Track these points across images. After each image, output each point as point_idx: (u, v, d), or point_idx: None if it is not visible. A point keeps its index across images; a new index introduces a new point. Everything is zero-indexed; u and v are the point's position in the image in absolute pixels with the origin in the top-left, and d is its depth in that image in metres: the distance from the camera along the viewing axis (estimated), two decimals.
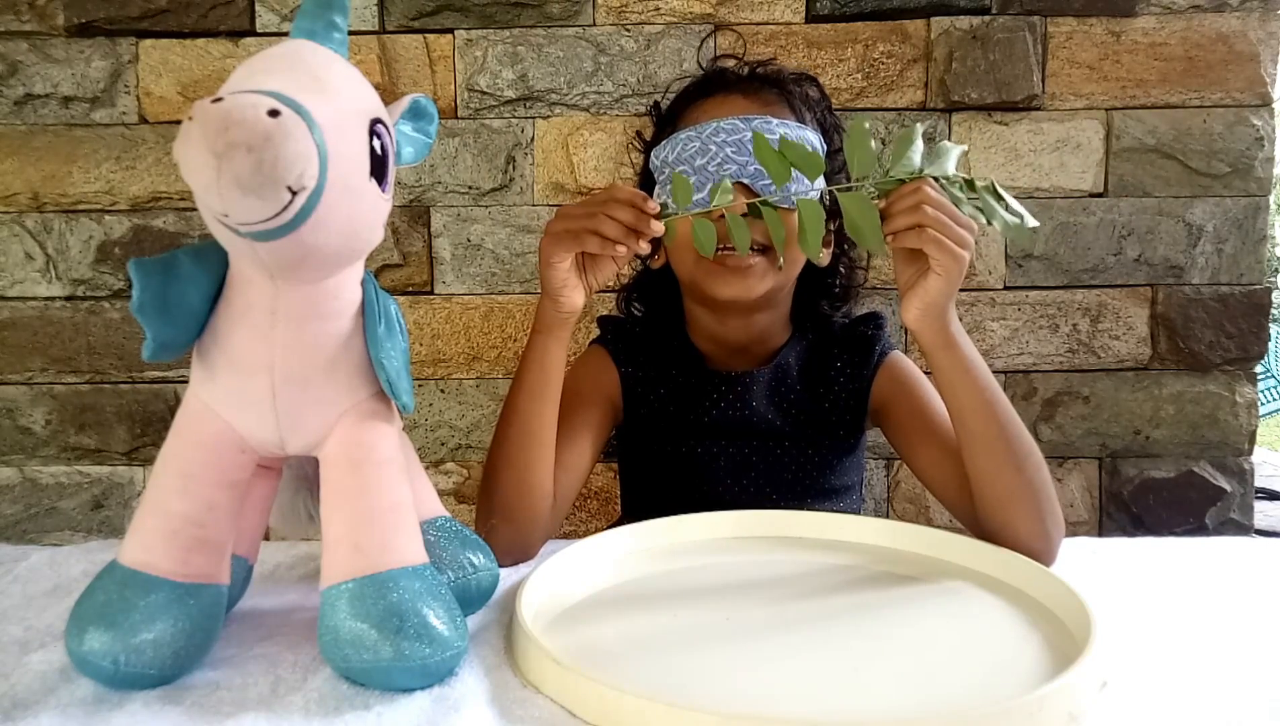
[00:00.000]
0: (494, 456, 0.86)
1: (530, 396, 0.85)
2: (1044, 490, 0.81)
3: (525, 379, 0.86)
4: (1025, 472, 0.80)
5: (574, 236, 0.77)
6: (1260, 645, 0.62)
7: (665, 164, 0.93)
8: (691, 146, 0.90)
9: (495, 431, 0.87)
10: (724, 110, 0.93)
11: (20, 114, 1.45)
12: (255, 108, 0.47)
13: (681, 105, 1.00)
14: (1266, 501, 2.33)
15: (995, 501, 0.81)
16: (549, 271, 0.80)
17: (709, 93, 0.98)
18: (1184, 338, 1.45)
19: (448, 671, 0.56)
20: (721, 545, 0.82)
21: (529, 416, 0.85)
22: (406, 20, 1.43)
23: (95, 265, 1.47)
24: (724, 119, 0.90)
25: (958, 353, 0.80)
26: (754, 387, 0.98)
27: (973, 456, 0.82)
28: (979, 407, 0.81)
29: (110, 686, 0.55)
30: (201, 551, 0.57)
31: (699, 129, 0.91)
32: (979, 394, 0.81)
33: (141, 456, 1.49)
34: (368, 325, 0.59)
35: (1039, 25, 1.42)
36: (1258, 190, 1.44)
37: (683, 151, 0.91)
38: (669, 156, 0.93)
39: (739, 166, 0.88)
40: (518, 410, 0.85)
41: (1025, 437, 0.82)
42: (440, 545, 0.65)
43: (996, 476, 0.80)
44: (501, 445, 0.85)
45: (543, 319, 0.85)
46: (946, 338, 0.79)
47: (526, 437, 0.85)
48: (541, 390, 0.85)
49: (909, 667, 0.58)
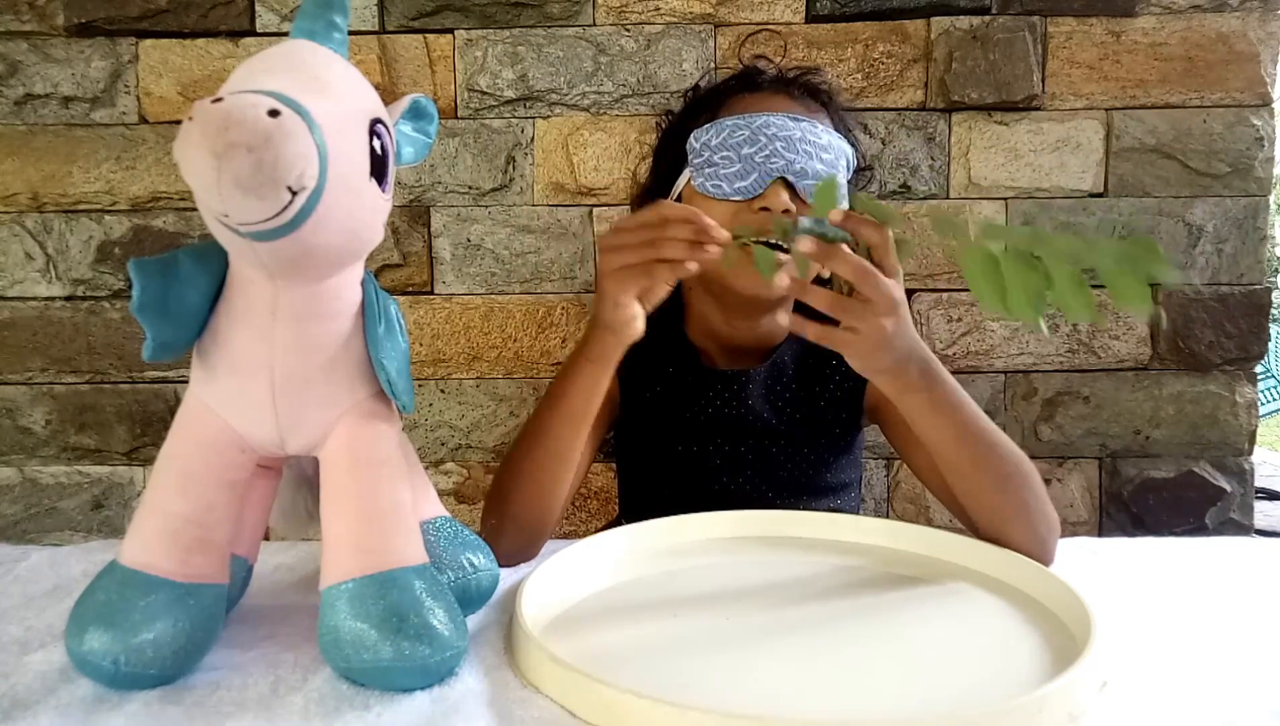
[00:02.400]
0: (515, 469, 0.84)
1: (566, 421, 0.83)
2: (1035, 504, 0.79)
3: (566, 403, 0.82)
4: (1009, 492, 0.78)
5: (642, 271, 0.74)
6: (1260, 645, 0.62)
7: (707, 147, 0.92)
8: (740, 134, 0.90)
9: (519, 444, 0.85)
10: (772, 105, 0.94)
11: (20, 114, 1.45)
12: (255, 108, 0.47)
13: (724, 95, 1.00)
14: (1266, 501, 2.33)
15: (985, 519, 0.80)
16: (616, 311, 0.76)
17: (755, 87, 0.99)
18: (1184, 337, 1.45)
19: (448, 671, 0.56)
20: (721, 545, 0.81)
21: (563, 440, 0.83)
22: (406, 20, 1.43)
23: (95, 265, 1.47)
24: (774, 113, 0.91)
25: (920, 397, 0.76)
26: (750, 386, 0.98)
27: (953, 482, 0.81)
28: (953, 442, 0.78)
29: (110, 686, 0.55)
30: (201, 551, 0.57)
31: (748, 118, 0.91)
32: (951, 429, 0.78)
33: (141, 456, 1.49)
34: (368, 325, 0.59)
35: (1039, 25, 1.42)
36: (1258, 190, 1.44)
37: (729, 137, 0.91)
38: (712, 140, 0.92)
39: (785, 162, 0.89)
40: (551, 432, 0.83)
41: (1010, 458, 0.79)
42: (440, 545, 0.65)
43: (981, 498, 0.80)
44: (525, 461, 0.84)
45: (596, 349, 0.80)
46: (905, 383, 0.75)
47: (555, 459, 0.83)
48: (582, 417, 0.83)
49: (909, 667, 0.58)
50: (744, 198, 0.90)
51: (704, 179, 0.91)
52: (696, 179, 0.92)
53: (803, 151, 0.89)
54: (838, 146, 0.93)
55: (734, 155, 0.90)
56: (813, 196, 0.75)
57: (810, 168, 0.89)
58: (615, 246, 0.75)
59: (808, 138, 0.90)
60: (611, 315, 0.77)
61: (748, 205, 0.90)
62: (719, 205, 0.90)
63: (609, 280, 0.76)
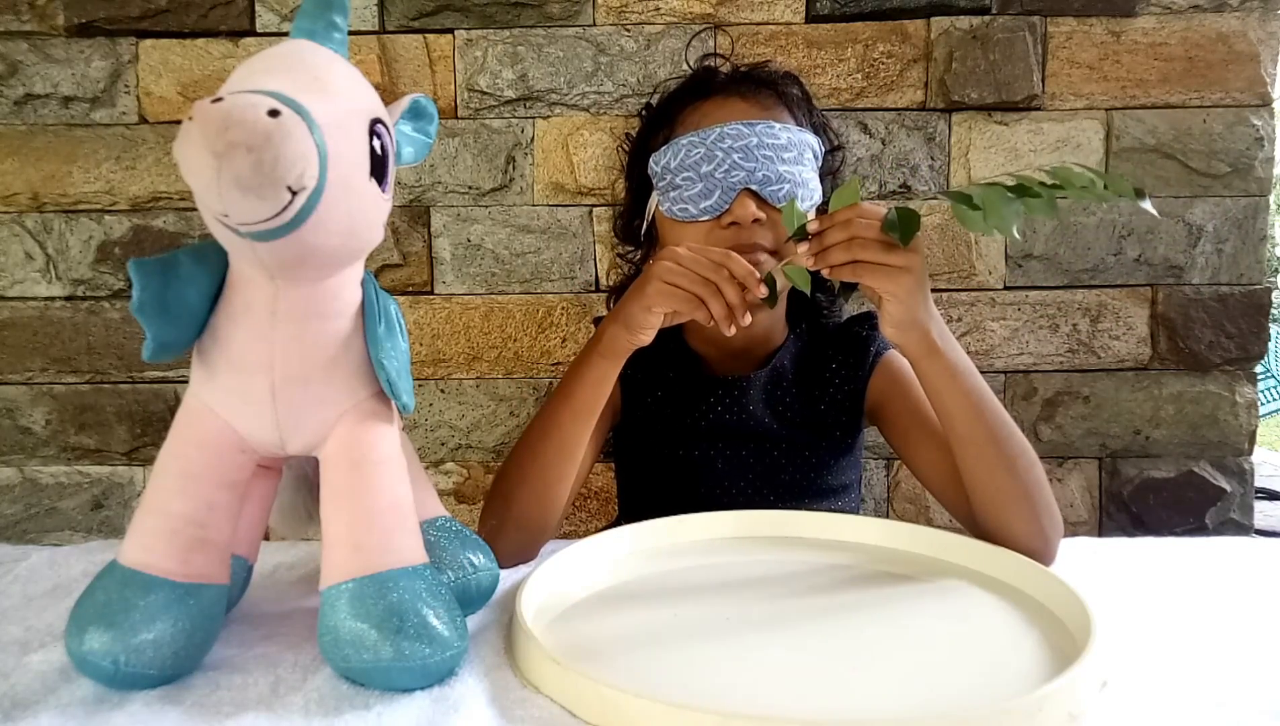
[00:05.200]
0: (521, 466, 0.85)
1: (575, 415, 0.84)
2: (1038, 490, 0.80)
3: (576, 397, 0.84)
4: (1017, 473, 0.80)
5: (688, 301, 0.77)
6: (1260, 645, 0.62)
7: (668, 170, 0.92)
8: (696, 152, 0.89)
9: (525, 441, 0.85)
10: (725, 114, 0.92)
11: (20, 114, 1.45)
12: (255, 108, 0.47)
13: (677, 108, 0.98)
14: (1266, 501, 2.33)
15: (990, 503, 0.81)
16: (646, 316, 0.79)
17: (705, 94, 0.96)
18: (1184, 337, 1.45)
19: (448, 671, 0.56)
20: (721, 545, 0.82)
21: (570, 434, 0.84)
22: (406, 20, 1.43)
23: (95, 265, 1.47)
24: (727, 123, 0.89)
25: (942, 359, 0.79)
26: (750, 391, 0.98)
27: (964, 459, 0.82)
28: (966, 410, 0.80)
29: (110, 686, 0.55)
30: (201, 551, 0.57)
31: (702, 134, 0.89)
32: (965, 397, 0.80)
33: (141, 456, 1.49)
34: (368, 325, 0.59)
35: (1039, 25, 1.42)
36: (1258, 190, 1.44)
37: (687, 157, 0.90)
38: (671, 162, 0.91)
39: (746, 173, 0.87)
40: (560, 426, 0.84)
41: (1017, 439, 0.81)
42: (440, 545, 0.65)
43: (989, 478, 0.80)
44: (532, 457, 0.84)
45: (610, 345, 0.83)
46: (928, 346, 0.79)
47: (561, 454, 0.84)
48: (591, 410, 0.84)
49: (909, 667, 0.58)
50: (712, 216, 0.89)
51: (670, 203, 0.91)
52: (664, 204, 0.91)
53: (762, 158, 0.88)
54: (799, 141, 0.90)
55: (694, 174, 0.88)
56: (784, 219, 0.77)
57: (773, 172, 0.88)
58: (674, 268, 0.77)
59: (764, 142, 0.88)
60: (640, 317, 0.79)
61: (717, 222, 0.89)
62: (690, 227, 0.90)
63: (655, 288, 0.78)
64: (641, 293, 0.79)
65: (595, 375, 0.83)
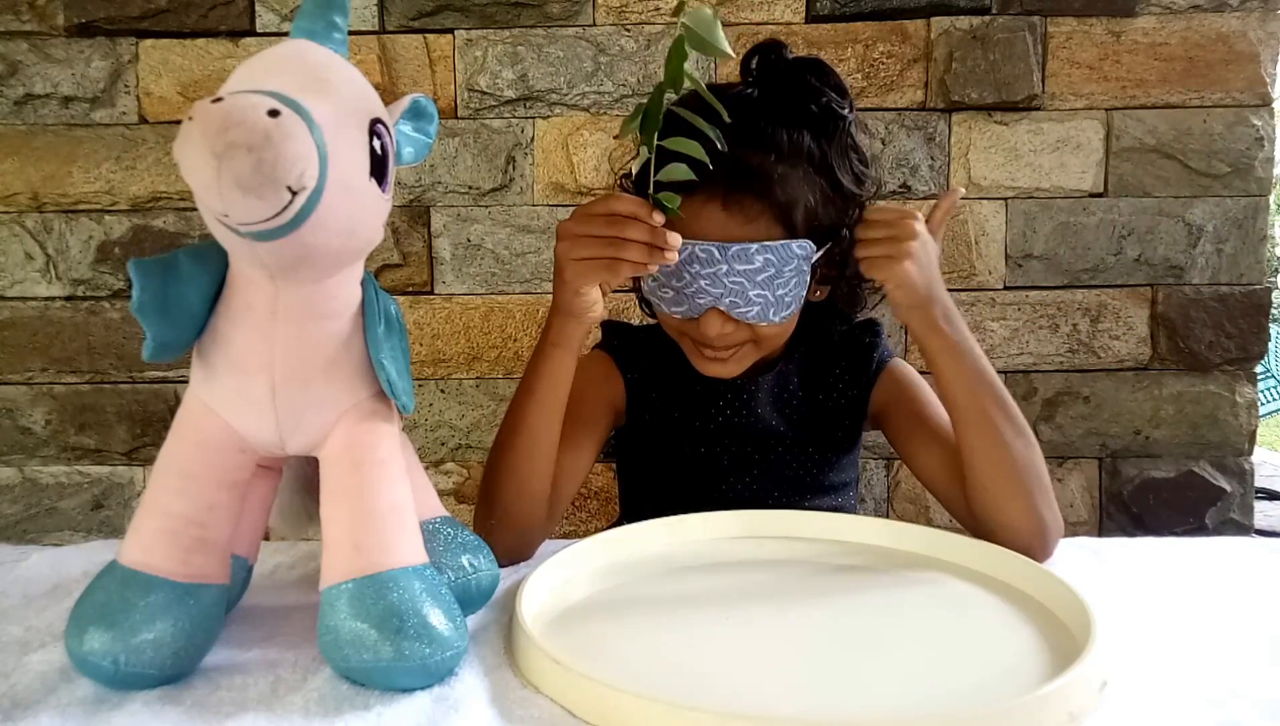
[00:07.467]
0: (496, 463, 0.85)
1: (540, 409, 0.84)
2: (1035, 472, 0.82)
3: (536, 391, 0.84)
4: (1016, 451, 0.82)
5: (607, 267, 0.76)
6: (1260, 645, 0.62)
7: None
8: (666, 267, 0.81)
9: (498, 438, 0.86)
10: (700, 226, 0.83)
11: (20, 114, 1.45)
12: (255, 108, 0.47)
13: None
14: (1266, 501, 2.33)
15: (987, 482, 0.82)
16: (577, 299, 0.79)
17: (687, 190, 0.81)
18: (1184, 338, 1.45)
19: (448, 671, 0.56)
20: (722, 545, 0.82)
21: (537, 429, 0.84)
22: (406, 20, 1.43)
23: (95, 265, 1.47)
24: (699, 243, 0.82)
25: (945, 337, 0.83)
26: (758, 394, 0.98)
27: (964, 436, 0.84)
28: (968, 384, 0.83)
29: (110, 686, 0.55)
30: (201, 551, 0.57)
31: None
32: (968, 371, 0.83)
33: (141, 456, 1.49)
34: (368, 325, 0.59)
35: (1039, 25, 1.42)
36: (1258, 190, 1.44)
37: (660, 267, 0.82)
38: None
39: (713, 298, 0.84)
40: (526, 422, 0.84)
41: (1017, 419, 0.84)
42: (440, 545, 0.65)
43: (988, 454, 0.82)
44: (505, 454, 0.85)
45: (559, 333, 0.83)
46: (931, 324, 0.83)
47: (532, 448, 0.84)
48: (555, 403, 0.84)
49: (909, 667, 0.58)
50: (682, 318, 0.88)
51: (648, 291, 0.89)
52: (646, 284, 0.89)
53: (731, 286, 0.83)
54: (780, 257, 0.83)
55: (666, 281, 0.86)
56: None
57: (741, 297, 0.84)
58: (575, 237, 0.76)
59: (734, 269, 0.82)
60: (573, 302, 0.80)
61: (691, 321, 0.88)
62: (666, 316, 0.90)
63: (571, 270, 0.78)
64: (561, 279, 0.80)
65: (551, 367, 0.84)
